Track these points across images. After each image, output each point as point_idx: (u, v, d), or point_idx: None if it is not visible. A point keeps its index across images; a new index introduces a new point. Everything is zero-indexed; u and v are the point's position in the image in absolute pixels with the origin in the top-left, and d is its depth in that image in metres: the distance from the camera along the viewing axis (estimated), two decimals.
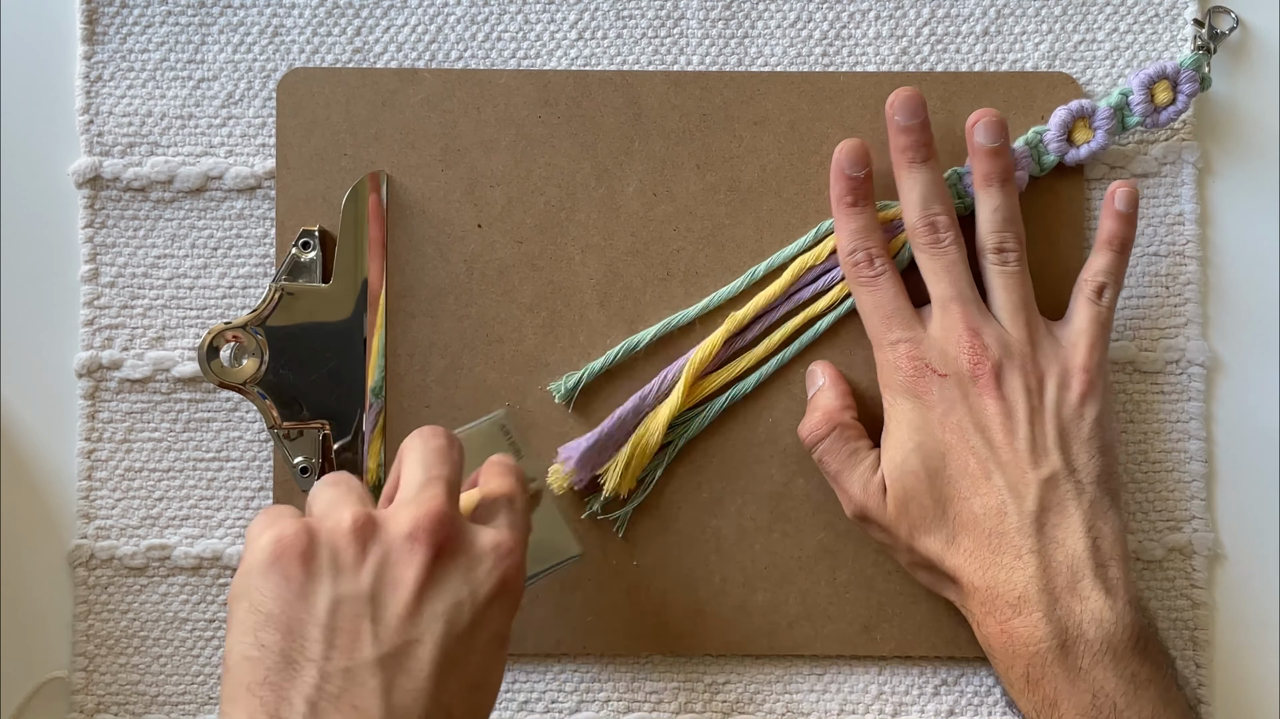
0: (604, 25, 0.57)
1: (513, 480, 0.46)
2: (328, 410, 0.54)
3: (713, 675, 0.56)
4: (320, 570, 0.40)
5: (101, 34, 0.56)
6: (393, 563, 0.41)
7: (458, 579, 0.41)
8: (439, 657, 0.40)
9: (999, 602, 0.49)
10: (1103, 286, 0.52)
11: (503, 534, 0.43)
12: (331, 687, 0.39)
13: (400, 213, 0.55)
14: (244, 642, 0.40)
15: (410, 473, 0.44)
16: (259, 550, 0.41)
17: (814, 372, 0.54)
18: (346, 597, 0.40)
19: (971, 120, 0.52)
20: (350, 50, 0.56)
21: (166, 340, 0.56)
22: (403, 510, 0.42)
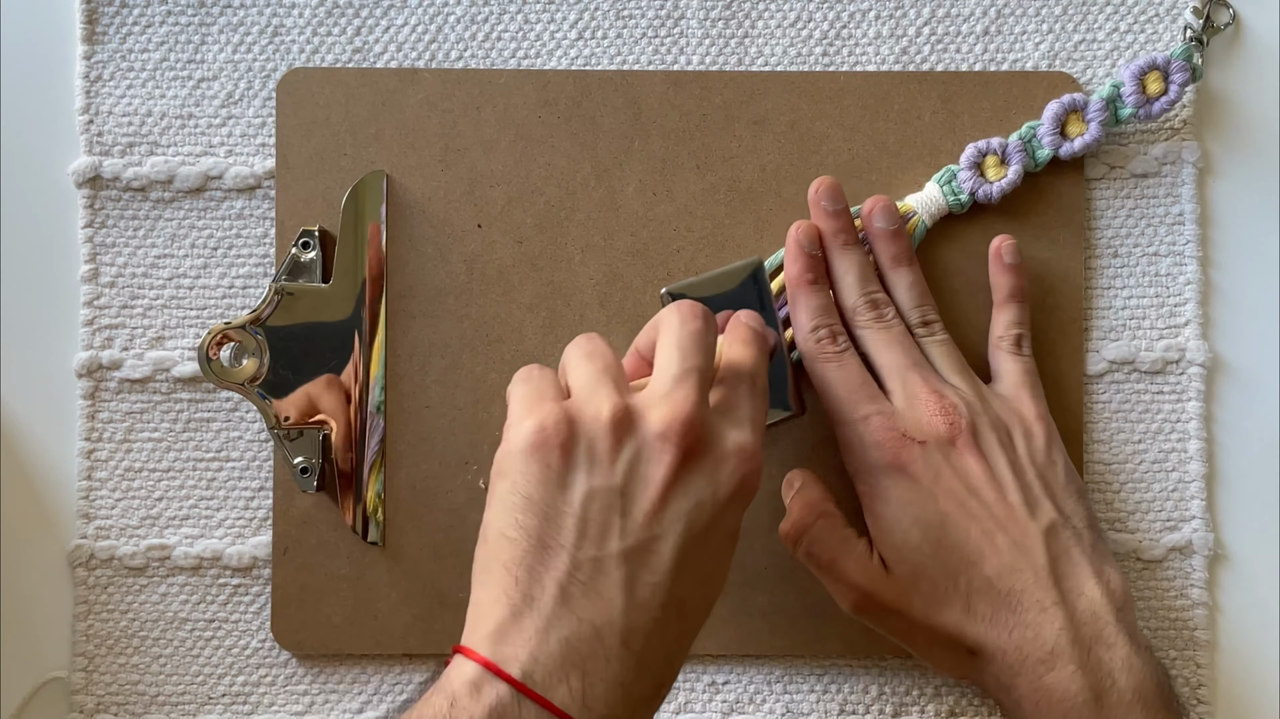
0: (604, 25, 0.57)
1: (755, 351, 0.47)
2: (328, 410, 0.54)
3: (713, 676, 0.56)
4: (578, 461, 0.42)
5: (101, 34, 0.56)
6: (644, 459, 0.42)
7: (702, 480, 0.42)
8: (678, 554, 0.42)
9: (1029, 660, 0.48)
10: (1019, 338, 0.53)
11: (747, 436, 0.44)
12: (581, 574, 0.41)
13: (400, 213, 0.55)
14: (504, 519, 0.42)
15: (666, 358, 0.44)
16: (523, 435, 0.42)
17: (790, 478, 0.54)
18: (600, 489, 0.42)
19: (866, 208, 0.53)
20: (350, 50, 0.56)
21: (166, 340, 0.56)
22: (657, 408, 0.43)
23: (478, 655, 0.40)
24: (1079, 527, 0.50)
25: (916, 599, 0.50)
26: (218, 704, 0.56)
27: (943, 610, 0.49)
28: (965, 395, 0.51)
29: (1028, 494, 0.50)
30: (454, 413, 0.55)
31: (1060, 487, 0.51)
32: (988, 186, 0.54)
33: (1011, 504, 0.49)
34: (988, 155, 0.54)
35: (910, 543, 0.50)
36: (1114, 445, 0.56)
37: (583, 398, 0.43)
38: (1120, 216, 0.56)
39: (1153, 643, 0.55)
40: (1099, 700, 0.47)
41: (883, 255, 0.53)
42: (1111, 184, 0.56)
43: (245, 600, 0.56)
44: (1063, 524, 0.50)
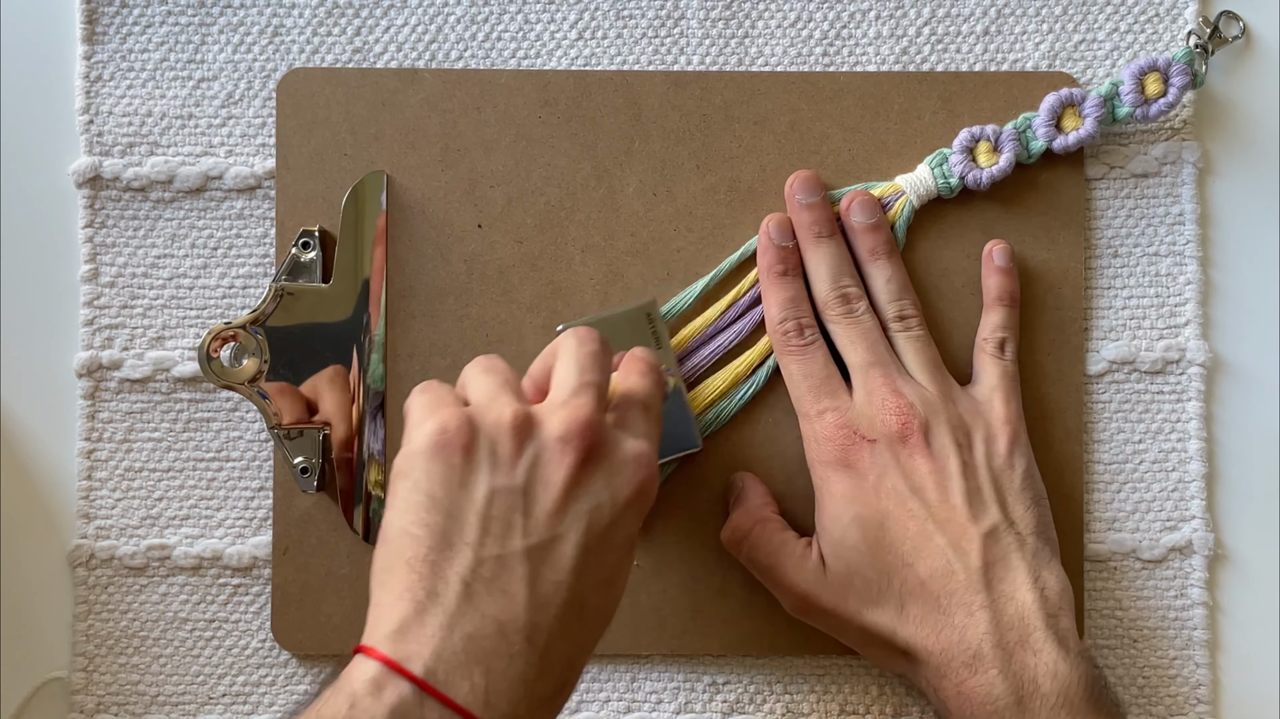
0: (604, 25, 0.57)
1: (651, 381, 0.48)
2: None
3: (713, 675, 0.56)
4: (480, 461, 0.43)
5: (101, 34, 0.56)
6: (545, 462, 0.43)
7: (601, 483, 0.43)
8: (579, 552, 0.42)
9: (954, 663, 0.48)
10: (1003, 341, 0.53)
11: (642, 445, 0.45)
12: (485, 570, 0.41)
13: (400, 213, 0.55)
14: (407, 518, 0.42)
15: (565, 373, 0.45)
16: (425, 435, 0.43)
17: (733, 481, 0.54)
18: (502, 489, 0.42)
19: (845, 203, 0.54)
20: (350, 50, 0.56)
21: (166, 340, 0.56)
22: (557, 413, 0.44)
23: (379, 654, 0.40)
24: (1024, 532, 0.50)
25: (852, 598, 0.50)
26: (218, 704, 0.56)
27: (877, 610, 0.50)
28: (927, 394, 0.51)
29: (974, 497, 0.50)
30: None
31: (1014, 492, 0.51)
32: (978, 172, 0.54)
33: (954, 505, 0.49)
34: (981, 141, 0.54)
35: (848, 540, 0.50)
36: (1114, 445, 0.56)
37: (483, 404, 0.44)
38: (1120, 216, 0.56)
39: (1152, 641, 0.55)
40: (1021, 705, 0.47)
41: (861, 248, 0.54)
42: (1111, 184, 0.56)
43: (245, 600, 0.56)
44: (1005, 529, 0.49)
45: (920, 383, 0.52)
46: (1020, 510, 0.50)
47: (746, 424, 0.55)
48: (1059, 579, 0.49)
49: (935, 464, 0.50)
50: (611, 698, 0.55)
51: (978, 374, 0.54)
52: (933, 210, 0.55)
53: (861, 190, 0.54)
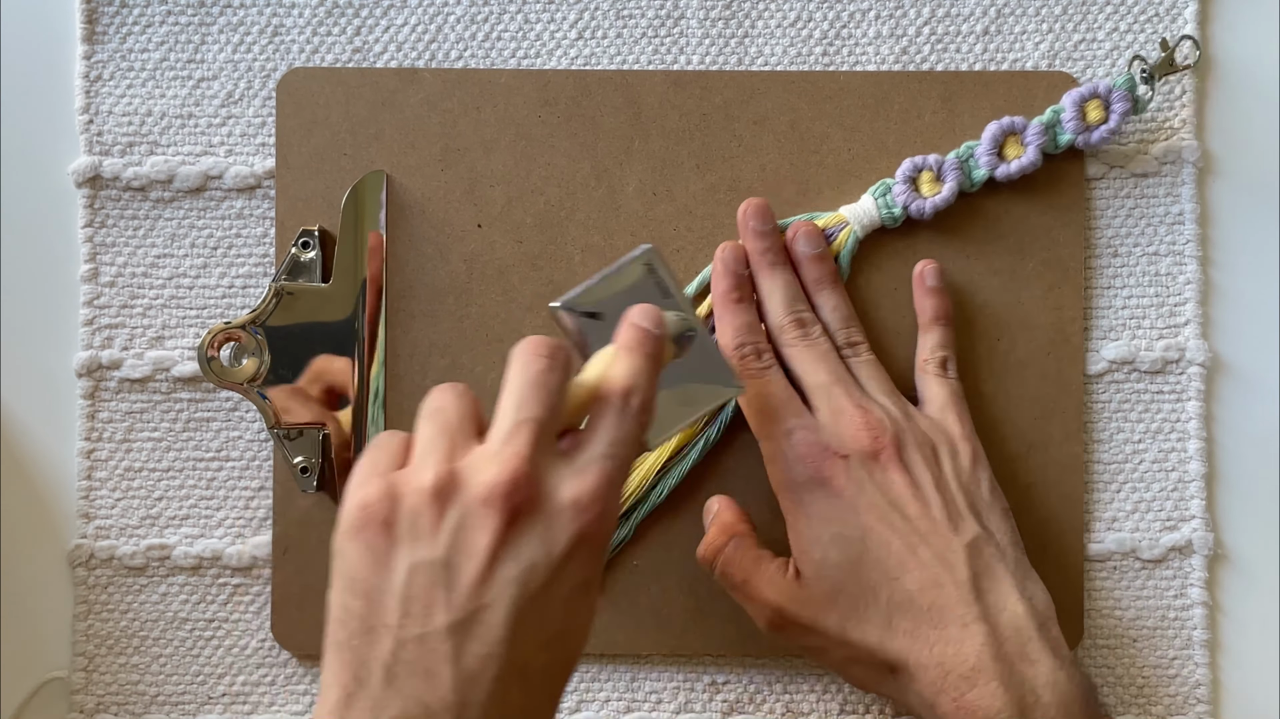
0: (604, 25, 0.57)
1: (639, 359, 0.44)
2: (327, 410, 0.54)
3: (712, 675, 0.56)
4: (401, 537, 0.40)
5: (101, 34, 0.56)
6: (468, 528, 0.40)
7: (534, 541, 0.40)
8: (511, 619, 0.40)
9: (951, 677, 0.47)
10: (944, 360, 0.54)
11: (586, 482, 0.41)
12: (406, 653, 0.40)
13: (400, 213, 0.55)
14: (335, 600, 0.41)
15: (504, 408, 0.42)
16: (347, 515, 0.41)
17: (709, 505, 0.54)
18: (422, 563, 0.40)
19: (790, 234, 0.54)
20: (350, 50, 0.56)
21: (166, 340, 0.56)
22: (483, 469, 0.41)
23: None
24: (1002, 543, 0.50)
25: (834, 615, 0.49)
26: (218, 704, 0.56)
27: (862, 626, 0.49)
28: (890, 411, 0.51)
29: (951, 509, 0.50)
30: None
31: (985, 504, 0.51)
32: (921, 202, 0.54)
33: (935, 519, 0.49)
34: (923, 171, 0.54)
35: (830, 558, 0.49)
36: (1114, 445, 0.56)
37: (413, 466, 0.42)
38: (1120, 216, 0.56)
39: (1152, 641, 0.55)
40: (1023, 717, 0.46)
41: (807, 278, 0.54)
42: (1111, 184, 0.56)
43: (245, 600, 0.56)
44: (986, 540, 0.49)
45: (879, 401, 0.52)
46: (995, 522, 0.50)
47: (746, 425, 0.55)
48: (1042, 589, 0.49)
49: (909, 478, 0.50)
50: (611, 698, 0.55)
51: (925, 395, 0.54)
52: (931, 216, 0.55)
53: (806, 221, 0.54)
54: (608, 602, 0.55)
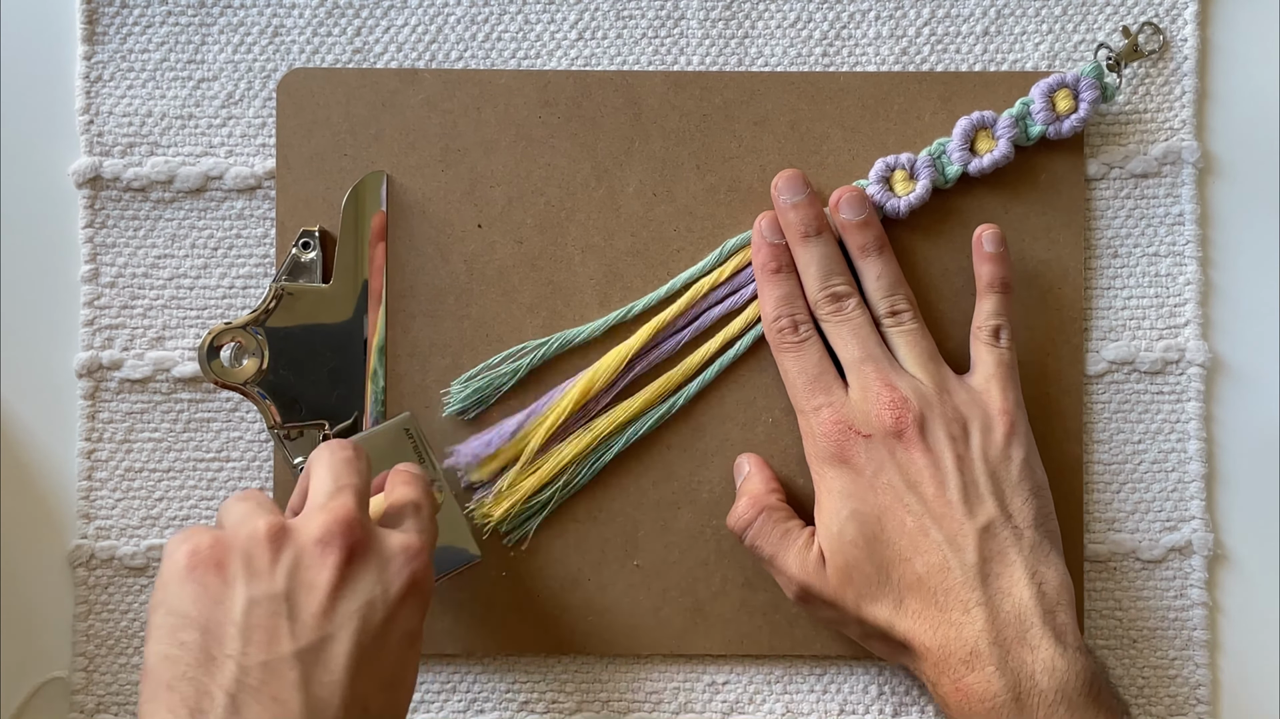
0: (604, 25, 0.57)
1: (418, 488, 0.48)
2: (328, 410, 0.54)
3: (712, 675, 0.56)
4: (235, 576, 0.42)
5: (101, 34, 0.56)
6: (306, 565, 0.42)
7: (370, 579, 0.43)
8: (354, 651, 0.41)
9: (951, 659, 0.48)
10: (998, 329, 0.53)
11: (410, 537, 0.45)
12: (251, 679, 0.40)
13: (400, 213, 0.55)
14: (163, 643, 0.41)
15: (319, 482, 0.45)
16: (175, 563, 0.42)
17: (740, 463, 0.54)
18: (262, 597, 0.41)
19: (834, 198, 0.53)
20: (350, 50, 0.56)
21: (166, 340, 0.56)
22: (314, 517, 0.43)
23: None
24: (1021, 526, 0.50)
25: (850, 592, 0.50)
26: None
27: (875, 604, 0.50)
28: (922, 388, 0.51)
29: (969, 491, 0.50)
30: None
31: (1011, 484, 0.50)
32: (895, 201, 0.54)
33: (950, 501, 0.49)
34: (896, 170, 0.54)
35: (846, 535, 0.50)
36: (1114, 445, 0.56)
37: (236, 524, 0.44)
38: (1120, 216, 0.56)
39: (1152, 641, 0.55)
40: (1019, 702, 0.47)
41: (851, 245, 0.53)
42: (1111, 184, 0.56)
43: None
44: (1002, 523, 0.49)
45: (915, 376, 0.52)
46: (1018, 503, 0.50)
47: (746, 425, 0.55)
48: (1057, 573, 0.49)
49: (930, 458, 0.50)
50: (611, 698, 0.55)
51: (974, 363, 0.53)
52: (930, 206, 0.55)
53: (850, 186, 0.54)
54: (608, 601, 0.55)
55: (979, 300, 0.54)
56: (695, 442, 0.55)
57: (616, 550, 0.55)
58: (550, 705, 0.55)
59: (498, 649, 0.55)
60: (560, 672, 0.56)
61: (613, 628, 0.55)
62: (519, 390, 0.55)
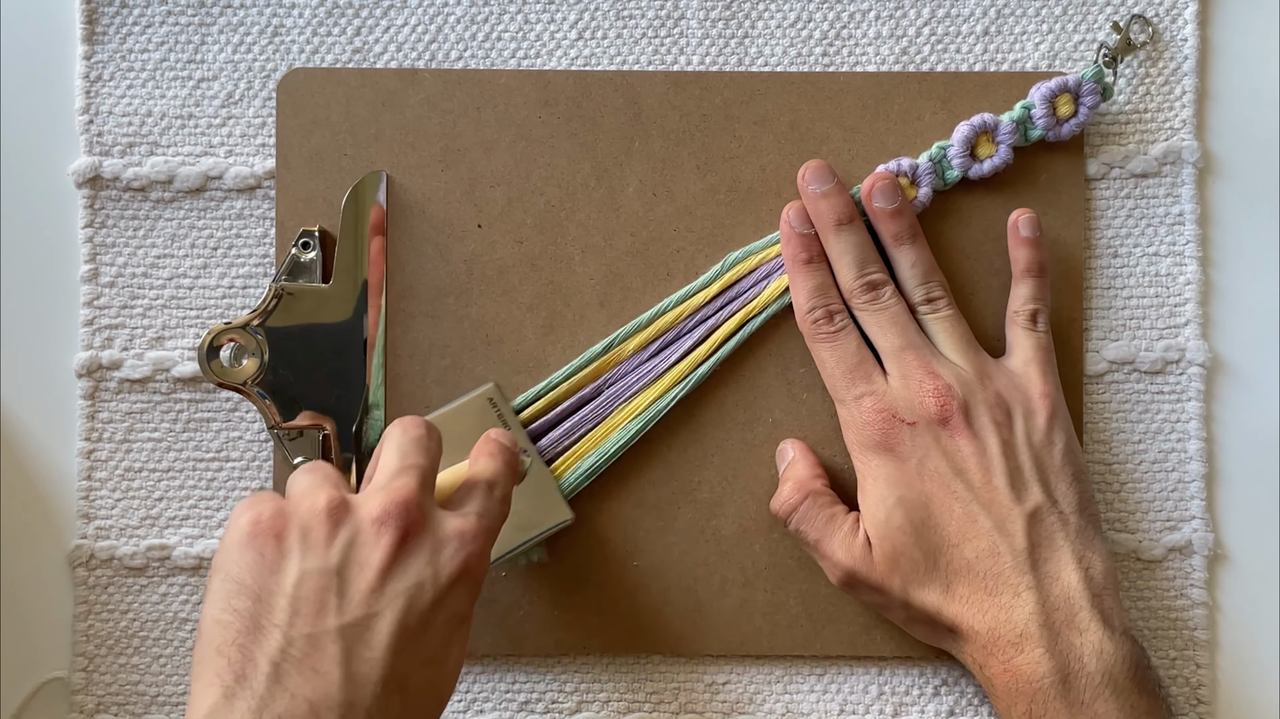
0: (604, 25, 0.57)
1: (499, 463, 0.48)
2: (328, 410, 0.54)
3: (713, 675, 0.56)
4: (291, 547, 0.43)
5: (101, 34, 0.56)
6: (361, 543, 0.43)
7: (421, 562, 0.43)
8: (398, 630, 0.42)
9: (1000, 642, 0.49)
10: (1035, 313, 0.53)
11: (469, 522, 0.45)
12: (295, 650, 0.41)
13: (400, 213, 0.55)
14: (216, 607, 0.42)
15: (387, 460, 0.46)
16: (238, 529, 0.43)
17: (783, 449, 0.55)
18: (313, 570, 0.42)
19: (867, 186, 0.53)
20: (350, 50, 0.56)
21: (166, 340, 0.56)
22: (374, 496, 0.44)
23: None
24: (1066, 511, 0.50)
25: (897, 578, 0.50)
26: None
27: (923, 590, 0.50)
28: (963, 374, 0.51)
29: (1015, 477, 0.50)
30: None
31: (1055, 469, 0.51)
32: None
33: (997, 487, 0.50)
34: (898, 177, 0.54)
35: (894, 523, 0.50)
36: (1114, 445, 0.56)
37: (300, 496, 0.44)
38: (1120, 216, 0.56)
39: (1152, 641, 0.55)
40: (1066, 683, 0.47)
41: (885, 234, 0.53)
42: (1111, 184, 0.56)
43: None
44: (1049, 508, 0.50)
45: (955, 363, 0.52)
46: (1063, 488, 0.50)
47: (746, 425, 0.55)
48: (1103, 559, 0.50)
49: (976, 445, 0.50)
50: (611, 698, 0.55)
51: (1011, 347, 0.53)
52: (930, 205, 0.55)
53: (883, 173, 0.54)
54: (608, 601, 0.55)
55: (1015, 285, 0.54)
56: (695, 441, 0.55)
57: (616, 550, 0.55)
58: (550, 705, 0.55)
59: (498, 649, 0.55)
60: (560, 672, 0.56)
61: (613, 628, 0.55)
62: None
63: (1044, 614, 0.48)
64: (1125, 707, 0.47)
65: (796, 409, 0.55)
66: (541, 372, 0.55)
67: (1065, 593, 0.48)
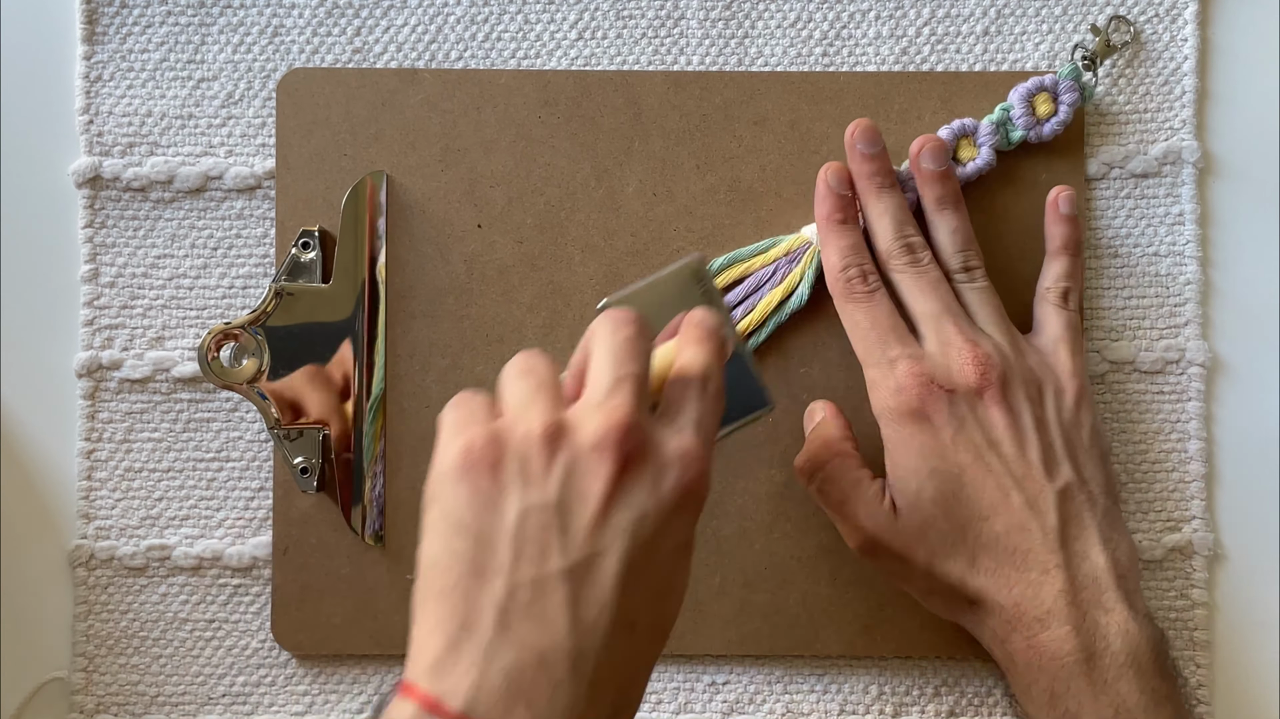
0: (604, 25, 0.57)
1: (709, 352, 0.44)
2: (328, 410, 0.54)
3: (712, 675, 0.56)
4: (509, 480, 0.40)
5: (101, 34, 0.56)
6: (580, 473, 0.40)
7: (644, 490, 0.40)
8: (623, 569, 0.39)
9: (1026, 618, 0.48)
10: (1066, 291, 0.53)
11: (688, 440, 0.41)
12: (521, 596, 0.39)
13: (400, 213, 0.55)
14: (436, 546, 0.40)
15: (599, 368, 0.42)
16: (450, 459, 0.41)
17: (813, 409, 0.54)
18: (534, 506, 0.39)
19: (915, 147, 0.53)
20: (350, 50, 0.56)
21: (166, 340, 0.56)
22: (591, 418, 0.40)
23: (417, 691, 0.38)
24: (1094, 492, 0.50)
25: (922, 548, 0.50)
26: (218, 704, 0.56)
27: (948, 561, 0.49)
28: (1000, 346, 0.51)
29: (1048, 453, 0.50)
30: None
31: (1083, 449, 0.51)
32: None
33: (1030, 462, 0.49)
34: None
35: (925, 493, 0.49)
36: (1114, 445, 0.56)
37: (514, 416, 0.41)
38: (1120, 216, 0.56)
39: None
40: (1090, 662, 0.47)
41: (928, 197, 0.53)
42: (1111, 184, 0.56)
43: (245, 600, 0.56)
44: (1079, 487, 0.50)
45: (990, 334, 0.52)
46: (1091, 468, 0.50)
47: (784, 408, 0.55)
48: (1127, 541, 0.50)
49: (1011, 418, 0.50)
50: None
51: (1040, 324, 0.53)
52: None
53: (931, 135, 0.53)
54: None
55: (1048, 262, 0.54)
56: None
57: None
58: None
59: None
60: None
61: None
62: None
63: (1072, 592, 0.48)
64: (1147, 688, 0.47)
65: (797, 409, 0.55)
66: None
67: (1093, 572, 0.48)
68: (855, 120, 0.53)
